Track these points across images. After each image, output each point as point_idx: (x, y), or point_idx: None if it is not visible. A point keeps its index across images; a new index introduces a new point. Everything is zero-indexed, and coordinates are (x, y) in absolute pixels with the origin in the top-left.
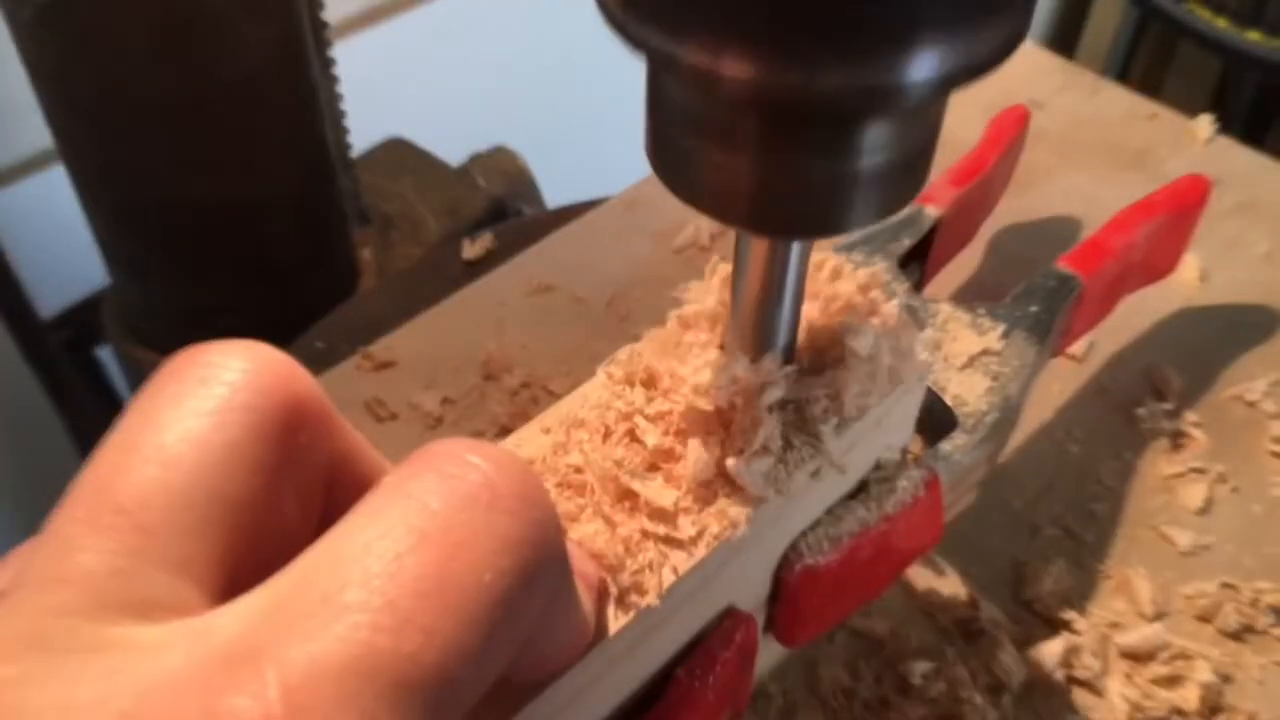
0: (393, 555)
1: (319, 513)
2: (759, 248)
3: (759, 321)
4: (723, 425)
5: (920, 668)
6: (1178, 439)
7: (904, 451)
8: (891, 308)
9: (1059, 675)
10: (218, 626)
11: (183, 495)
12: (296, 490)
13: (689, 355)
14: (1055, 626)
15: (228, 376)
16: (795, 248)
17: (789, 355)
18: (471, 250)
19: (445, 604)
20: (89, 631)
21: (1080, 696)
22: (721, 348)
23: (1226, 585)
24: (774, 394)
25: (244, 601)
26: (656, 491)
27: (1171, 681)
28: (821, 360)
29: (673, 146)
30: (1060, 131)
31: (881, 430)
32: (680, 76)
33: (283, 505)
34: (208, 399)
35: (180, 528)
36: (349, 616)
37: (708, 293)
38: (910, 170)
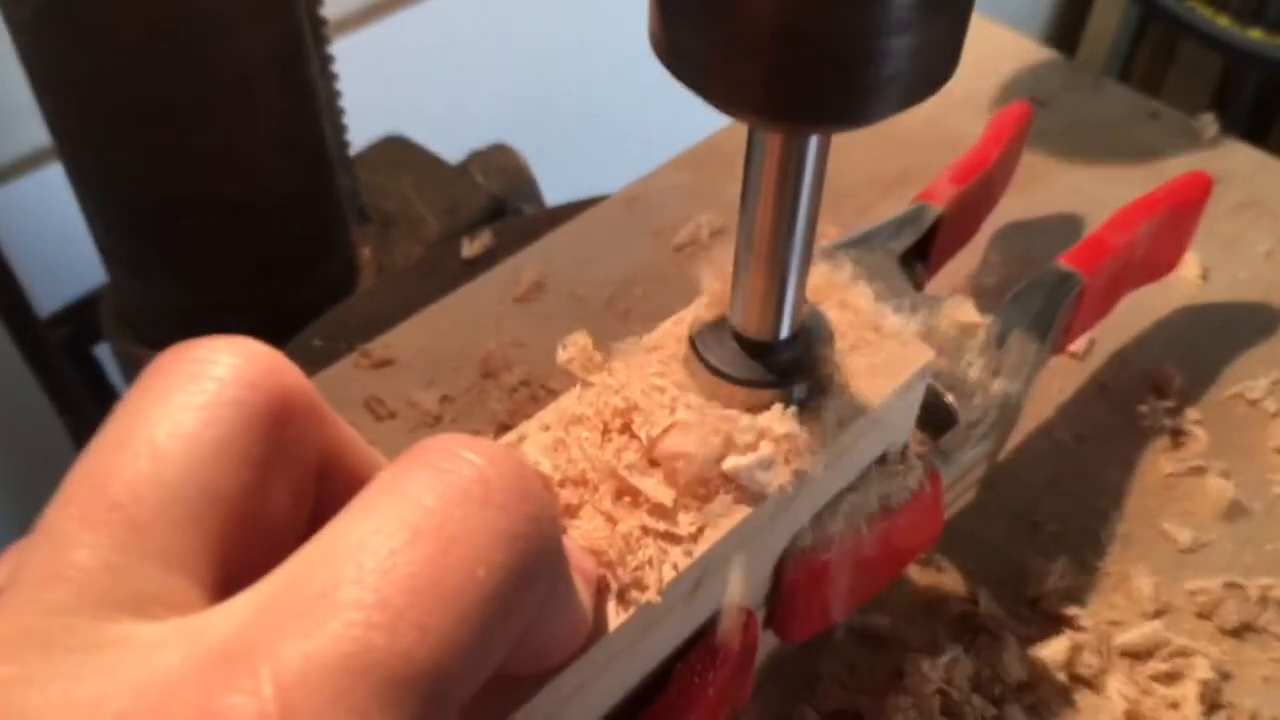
0: (386, 552)
1: (311, 506)
2: (772, 149)
3: (773, 242)
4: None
5: (920, 665)
6: (1179, 437)
7: (905, 448)
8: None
9: (1060, 673)
10: (213, 624)
11: (174, 490)
12: (288, 483)
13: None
14: (1056, 624)
15: (217, 371)
16: (812, 147)
17: (800, 293)
18: (470, 248)
19: (438, 600)
20: (86, 629)
21: (1080, 694)
22: None
23: (1231, 584)
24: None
25: (240, 599)
26: (656, 488)
27: (1170, 678)
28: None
29: (682, 30)
30: (1062, 130)
31: (882, 427)
32: None
33: (274, 498)
34: (197, 394)
35: (172, 522)
36: (343, 614)
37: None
38: (937, 49)
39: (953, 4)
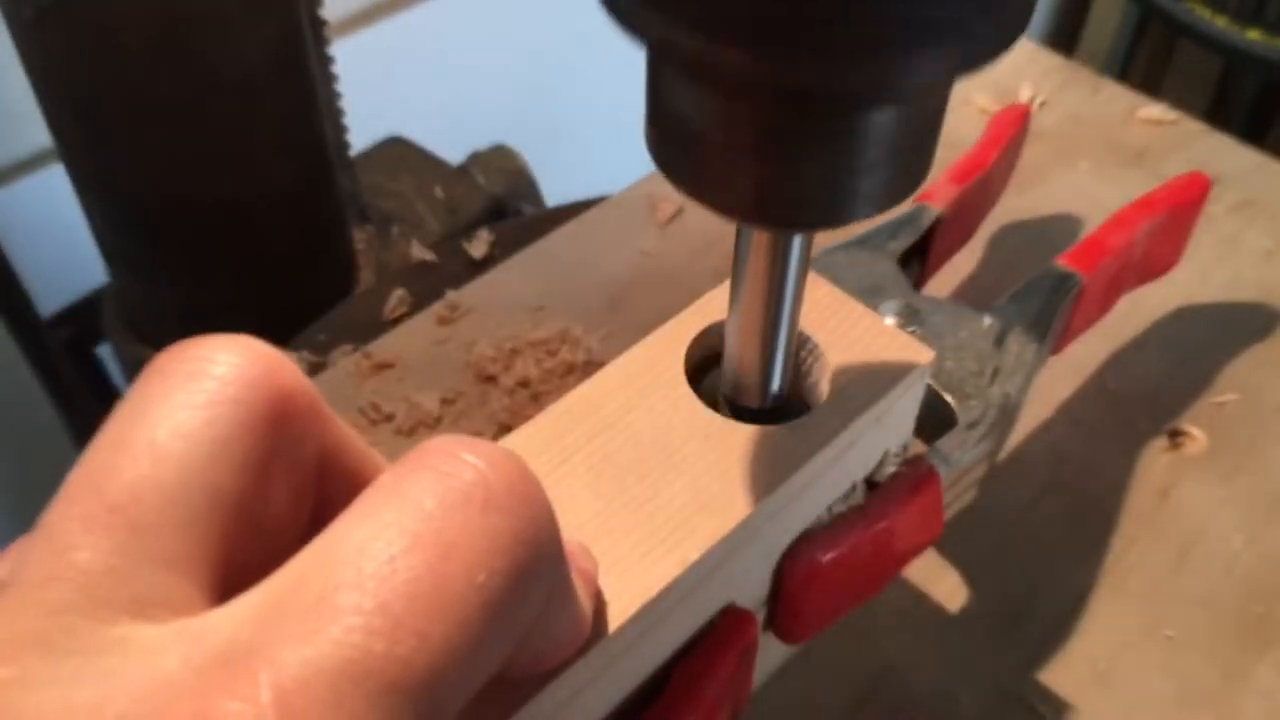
0: (386, 557)
1: (311, 505)
2: (760, 242)
3: (762, 319)
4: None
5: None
6: (1177, 437)
7: (904, 449)
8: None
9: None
10: (213, 627)
11: (174, 490)
12: (289, 484)
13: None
14: (1055, 626)
15: (216, 370)
16: (797, 241)
17: (789, 363)
18: (472, 249)
19: (438, 606)
20: (86, 631)
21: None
22: None
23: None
24: None
25: (240, 602)
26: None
27: None
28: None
29: (673, 137)
30: (1060, 130)
31: (881, 428)
32: (681, 68)
33: (275, 499)
34: (197, 393)
35: (173, 523)
36: (342, 619)
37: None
38: (914, 160)
39: (924, 115)
